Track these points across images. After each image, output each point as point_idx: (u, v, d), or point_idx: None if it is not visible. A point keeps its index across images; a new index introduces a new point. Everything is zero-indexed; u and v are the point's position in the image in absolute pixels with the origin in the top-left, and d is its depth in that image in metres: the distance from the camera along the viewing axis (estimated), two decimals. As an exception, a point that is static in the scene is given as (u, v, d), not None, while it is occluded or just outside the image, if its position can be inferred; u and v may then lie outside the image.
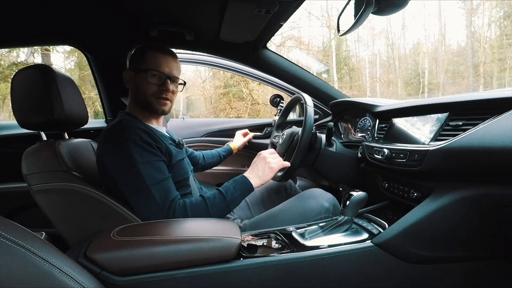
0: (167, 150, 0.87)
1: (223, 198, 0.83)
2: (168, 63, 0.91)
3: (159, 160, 0.82)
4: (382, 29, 13.57)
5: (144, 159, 0.78)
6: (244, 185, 0.86)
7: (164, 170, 0.82)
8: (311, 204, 0.95)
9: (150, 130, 0.85)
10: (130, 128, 0.81)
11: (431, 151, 0.71)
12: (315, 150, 1.09)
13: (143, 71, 0.88)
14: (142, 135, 0.81)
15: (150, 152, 0.81)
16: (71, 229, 0.81)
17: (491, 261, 0.76)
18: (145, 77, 0.88)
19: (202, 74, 10.24)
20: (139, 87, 0.89)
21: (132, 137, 0.79)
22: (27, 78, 0.80)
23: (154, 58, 0.89)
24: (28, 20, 1.05)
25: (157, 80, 0.89)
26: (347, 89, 11.00)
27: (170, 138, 0.96)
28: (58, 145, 0.83)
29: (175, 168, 0.88)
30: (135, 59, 0.91)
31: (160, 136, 0.88)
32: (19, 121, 0.82)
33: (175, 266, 0.61)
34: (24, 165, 0.79)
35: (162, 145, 0.85)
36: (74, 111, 0.87)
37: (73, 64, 7.77)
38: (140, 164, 0.77)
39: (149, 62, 0.88)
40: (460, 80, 11.74)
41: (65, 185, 0.77)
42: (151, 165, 0.79)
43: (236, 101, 9.06)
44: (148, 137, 0.82)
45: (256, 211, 1.16)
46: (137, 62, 0.90)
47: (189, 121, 1.96)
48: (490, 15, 11.31)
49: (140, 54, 0.91)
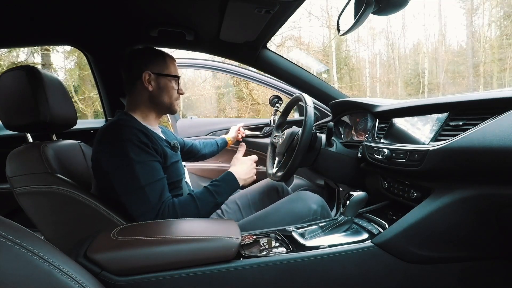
0: (163, 151, 0.88)
1: (212, 195, 0.86)
2: (177, 68, 1.00)
3: (154, 160, 0.83)
4: (382, 29, 13.57)
5: (140, 158, 0.79)
6: (233, 183, 0.92)
7: (159, 171, 0.84)
8: (299, 206, 0.97)
9: (147, 130, 0.87)
10: (128, 128, 0.82)
11: (431, 151, 0.71)
12: (315, 150, 1.09)
13: (169, 76, 0.96)
14: (139, 135, 0.82)
15: (147, 152, 0.82)
16: (56, 232, 0.80)
17: (491, 261, 0.76)
18: (169, 82, 0.95)
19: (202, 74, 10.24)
20: (163, 90, 0.95)
21: (129, 136, 0.80)
22: (12, 79, 0.79)
23: (173, 64, 0.98)
24: (28, 20, 1.05)
25: (177, 86, 0.99)
26: (347, 89, 11.00)
27: (165, 140, 0.97)
28: (43, 147, 0.82)
29: (169, 170, 0.90)
30: (156, 62, 0.95)
31: (156, 137, 0.90)
32: (3, 122, 0.81)
33: (175, 266, 0.61)
34: (8, 167, 0.78)
35: (158, 146, 0.87)
36: (61, 113, 0.86)
37: (73, 64, 7.77)
38: (136, 163, 0.78)
39: (171, 69, 0.97)
40: (460, 80, 11.73)
41: (49, 187, 0.76)
42: (147, 165, 0.80)
43: (236, 101, 9.06)
44: (145, 138, 0.83)
45: (247, 214, 1.16)
46: (159, 66, 0.95)
47: (196, 121, 2.08)
48: (490, 15, 11.31)
49: (162, 60, 0.96)
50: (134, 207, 0.78)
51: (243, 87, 8.76)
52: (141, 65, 0.93)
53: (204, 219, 0.79)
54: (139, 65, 0.93)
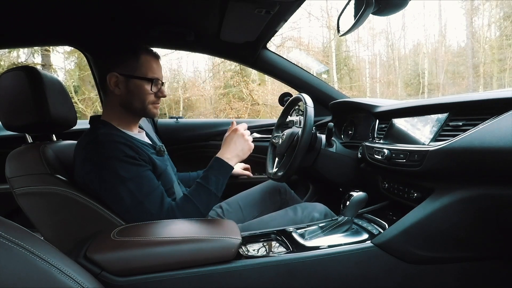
0: (151, 160, 0.84)
1: (206, 189, 0.82)
2: (160, 68, 0.89)
3: (146, 170, 0.80)
4: (382, 30, 13.56)
5: (131, 174, 0.76)
6: (224, 168, 0.86)
7: (153, 179, 0.81)
8: (303, 214, 0.96)
9: (131, 142, 0.81)
10: (110, 144, 0.77)
11: (431, 151, 0.71)
12: (315, 151, 1.09)
13: (142, 78, 0.84)
14: (124, 150, 0.77)
15: (136, 165, 0.78)
16: (55, 233, 0.79)
17: (491, 262, 0.76)
18: (142, 84, 0.84)
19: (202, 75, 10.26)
20: (134, 94, 0.85)
21: (114, 153, 0.76)
22: (12, 80, 0.79)
23: (150, 63, 0.86)
24: (28, 20, 1.05)
25: (155, 88, 0.87)
26: (347, 89, 11.00)
27: (150, 146, 0.92)
28: (43, 148, 0.81)
29: (160, 179, 0.86)
30: (127, 62, 0.85)
31: (140, 146, 0.85)
32: (3, 123, 0.81)
33: (175, 267, 0.61)
34: (7, 167, 0.78)
35: (145, 156, 0.83)
36: (61, 113, 0.85)
37: (73, 65, 7.79)
38: (128, 180, 0.75)
39: (146, 69, 0.85)
40: (460, 80, 11.73)
41: (49, 188, 0.75)
42: (139, 178, 0.77)
43: (236, 102, 9.06)
44: (131, 150, 0.79)
45: (248, 214, 1.15)
46: (129, 67, 0.84)
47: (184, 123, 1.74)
48: (490, 15, 11.32)
49: (133, 59, 0.85)
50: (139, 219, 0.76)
51: (243, 88, 8.76)
52: (109, 65, 0.85)
53: (204, 219, 0.79)
54: (106, 65, 0.85)
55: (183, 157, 1.69)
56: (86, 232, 0.71)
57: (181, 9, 1.07)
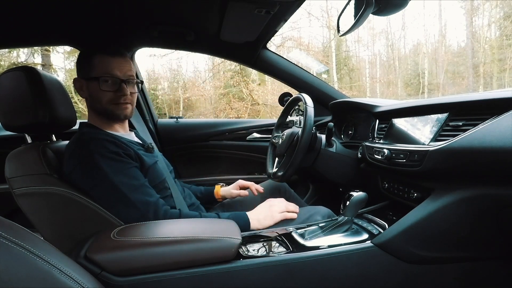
0: (137, 156, 0.84)
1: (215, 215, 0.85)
2: (119, 65, 0.85)
3: (131, 167, 0.80)
4: (382, 30, 13.56)
5: (114, 169, 0.77)
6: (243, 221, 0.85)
7: (138, 176, 0.81)
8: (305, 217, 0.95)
9: (114, 138, 0.82)
10: (93, 140, 0.78)
11: (431, 151, 0.71)
12: (315, 151, 1.09)
13: (94, 79, 0.83)
14: (107, 146, 0.78)
15: (119, 161, 0.79)
16: (55, 233, 0.79)
17: (491, 262, 0.76)
18: (97, 85, 0.83)
19: (202, 75, 10.26)
20: (93, 95, 0.85)
21: (97, 149, 0.77)
22: (11, 80, 0.79)
23: (103, 62, 0.84)
24: (28, 20, 1.05)
25: (111, 86, 0.84)
26: (347, 89, 11.00)
27: (138, 144, 0.93)
28: (43, 148, 0.81)
29: (149, 173, 0.86)
30: (82, 65, 0.86)
31: (126, 142, 0.85)
32: (2, 123, 0.81)
33: (175, 267, 0.61)
34: (7, 168, 0.78)
35: (131, 151, 0.83)
36: (61, 113, 0.85)
37: (73, 65, 7.78)
38: (111, 175, 0.76)
39: (99, 68, 0.83)
40: (460, 80, 11.73)
41: (48, 188, 0.75)
42: (123, 174, 0.78)
43: (236, 102, 9.06)
44: (114, 146, 0.79)
45: None
46: (85, 69, 0.84)
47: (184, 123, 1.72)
48: (490, 15, 11.32)
49: (87, 60, 0.84)
50: (123, 216, 0.77)
51: (243, 88, 8.76)
52: (77, 72, 0.87)
53: (204, 219, 0.79)
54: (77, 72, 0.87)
55: (183, 157, 1.70)
56: (86, 232, 0.71)
57: (181, 9, 1.07)
